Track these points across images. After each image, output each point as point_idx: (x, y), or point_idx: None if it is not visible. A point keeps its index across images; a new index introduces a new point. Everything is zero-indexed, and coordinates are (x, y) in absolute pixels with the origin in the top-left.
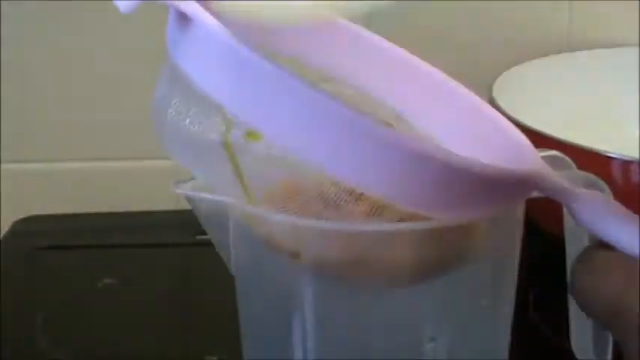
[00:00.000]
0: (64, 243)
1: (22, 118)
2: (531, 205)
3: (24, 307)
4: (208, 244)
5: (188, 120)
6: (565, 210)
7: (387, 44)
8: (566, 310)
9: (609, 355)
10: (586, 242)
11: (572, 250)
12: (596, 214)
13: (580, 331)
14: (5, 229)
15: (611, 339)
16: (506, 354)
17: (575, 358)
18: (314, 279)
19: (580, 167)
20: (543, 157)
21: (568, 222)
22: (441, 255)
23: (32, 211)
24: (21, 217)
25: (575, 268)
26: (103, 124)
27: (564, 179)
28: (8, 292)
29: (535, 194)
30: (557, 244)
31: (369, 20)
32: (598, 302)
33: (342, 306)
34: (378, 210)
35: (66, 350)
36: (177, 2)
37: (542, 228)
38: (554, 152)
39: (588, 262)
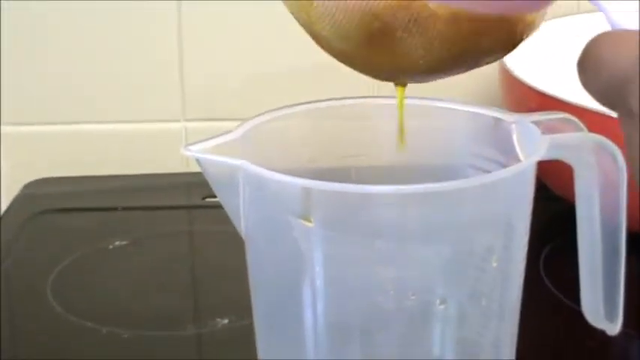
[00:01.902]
0: (75, 205)
1: (31, 81)
2: (543, 168)
3: (35, 268)
4: (217, 206)
5: None
6: (575, 173)
7: None
8: (577, 272)
9: (620, 318)
10: (596, 205)
11: (583, 213)
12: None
13: (591, 293)
14: (16, 191)
15: (622, 301)
16: (517, 316)
17: (586, 320)
18: (324, 240)
19: (591, 130)
20: (554, 120)
21: (579, 185)
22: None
23: (43, 173)
24: (32, 179)
25: (587, 44)
26: (113, 87)
27: None
28: (19, 254)
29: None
30: (567, 208)
31: None
32: (608, 73)
33: (352, 267)
34: None
35: (77, 312)
36: None
37: (554, 191)
38: (565, 115)
39: (602, 37)
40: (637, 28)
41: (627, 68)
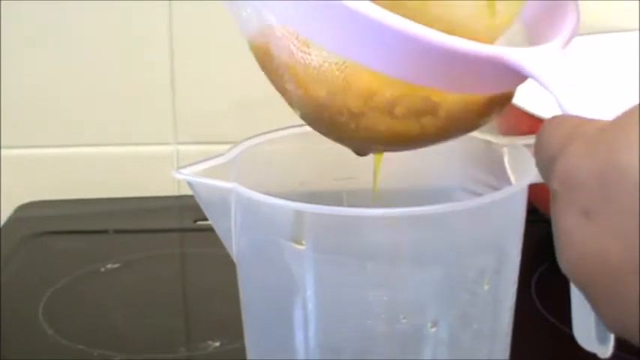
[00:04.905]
0: (67, 228)
1: (23, 103)
2: (534, 190)
3: (27, 291)
4: (209, 229)
5: None
6: None
7: None
8: (568, 295)
9: (611, 341)
10: None
11: None
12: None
13: (582, 316)
14: (8, 214)
15: None
16: (508, 339)
17: (577, 343)
18: (316, 263)
19: None
20: None
21: None
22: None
23: (35, 196)
24: (23, 202)
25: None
26: (105, 110)
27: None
28: (11, 277)
29: None
30: None
31: None
32: (541, 154)
33: (344, 290)
34: None
35: (68, 335)
36: None
37: (545, 214)
38: None
39: (549, 120)
40: (581, 113)
41: (554, 151)
